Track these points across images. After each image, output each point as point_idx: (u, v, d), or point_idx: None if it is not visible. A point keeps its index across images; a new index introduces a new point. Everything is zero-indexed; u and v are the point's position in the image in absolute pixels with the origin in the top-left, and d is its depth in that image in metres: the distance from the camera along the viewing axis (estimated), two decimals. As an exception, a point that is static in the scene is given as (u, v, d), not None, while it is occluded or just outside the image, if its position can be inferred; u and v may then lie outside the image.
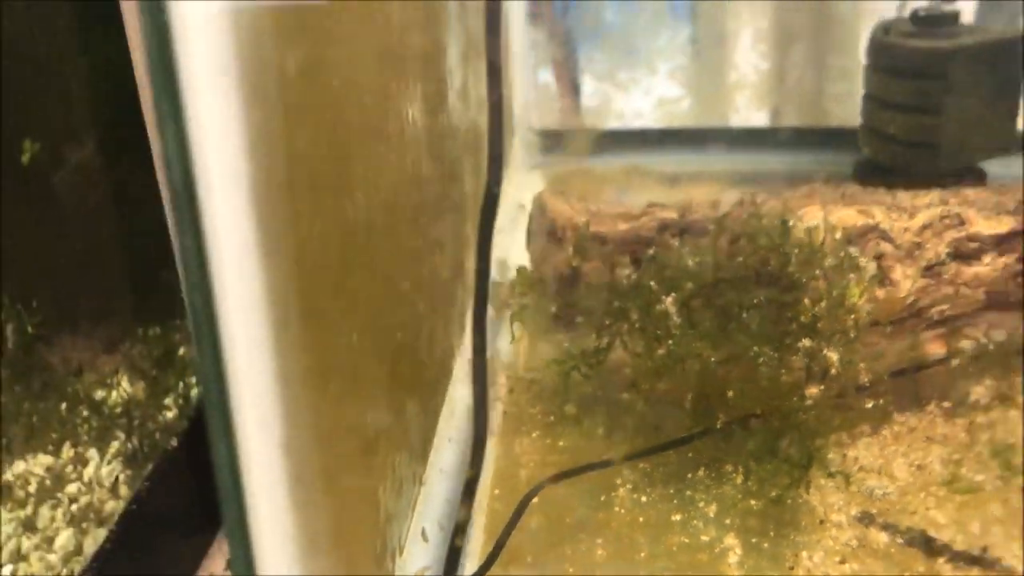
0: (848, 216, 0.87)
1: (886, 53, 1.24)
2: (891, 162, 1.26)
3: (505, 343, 0.89)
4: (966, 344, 0.86)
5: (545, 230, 0.90)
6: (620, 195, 1.41)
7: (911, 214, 0.88)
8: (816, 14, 1.54)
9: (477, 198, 1.04)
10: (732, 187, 1.47)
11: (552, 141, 1.52)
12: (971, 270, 0.87)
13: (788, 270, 0.75)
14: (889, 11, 1.37)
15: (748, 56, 1.61)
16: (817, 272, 0.74)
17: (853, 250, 0.78)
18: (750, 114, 1.59)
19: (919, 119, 1.22)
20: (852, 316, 0.72)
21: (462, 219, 0.95)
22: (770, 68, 1.58)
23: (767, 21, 1.58)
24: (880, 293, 0.84)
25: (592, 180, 1.45)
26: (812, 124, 1.51)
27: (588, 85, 1.60)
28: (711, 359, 0.73)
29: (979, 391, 0.82)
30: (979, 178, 1.28)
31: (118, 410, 0.92)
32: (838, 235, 0.81)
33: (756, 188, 1.47)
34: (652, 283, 0.79)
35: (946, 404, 0.81)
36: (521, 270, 0.88)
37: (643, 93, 1.61)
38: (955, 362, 0.84)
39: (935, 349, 0.88)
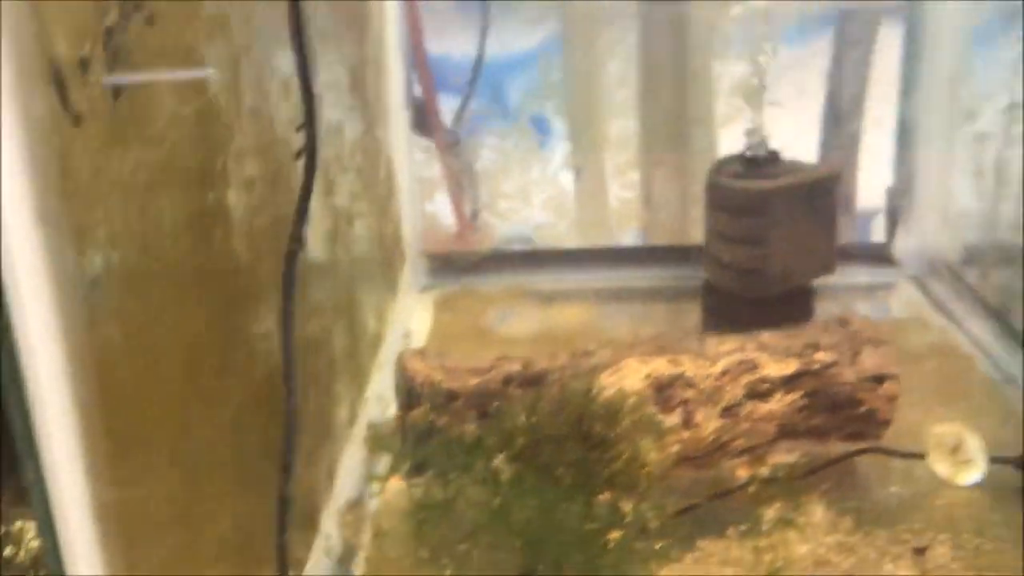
0: (660, 366, 1.03)
1: (718, 192, 1.43)
2: (728, 286, 1.43)
3: (372, 490, 1.02)
4: (763, 471, 1.02)
5: (405, 388, 1.04)
6: (502, 316, 1.57)
7: (713, 361, 1.04)
8: (678, 145, 1.73)
9: (351, 352, 1.18)
10: (600, 304, 1.64)
11: (440, 264, 1.67)
12: (764, 407, 1.03)
13: (595, 430, 0.89)
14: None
15: (620, 183, 1.80)
16: (619, 431, 0.89)
17: (651, 409, 0.93)
18: (622, 235, 1.77)
19: (748, 250, 1.40)
20: (645, 469, 0.87)
21: (332, 378, 1.08)
22: (639, 193, 1.77)
23: (634, 151, 1.77)
24: (686, 434, 1.00)
25: (476, 300, 1.61)
26: (677, 243, 1.69)
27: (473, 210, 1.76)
28: (533, 510, 0.87)
29: (769, 514, 0.97)
30: (808, 295, 1.47)
31: (27, 563, 1.02)
32: (643, 390, 0.97)
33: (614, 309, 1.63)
34: (490, 438, 0.93)
35: (742, 527, 0.97)
36: (374, 428, 1.02)
37: (522, 220, 1.79)
38: (751, 488, 1.00)
39: (742, 475, 1.04)
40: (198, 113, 0.65)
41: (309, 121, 0.57)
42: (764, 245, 1.39)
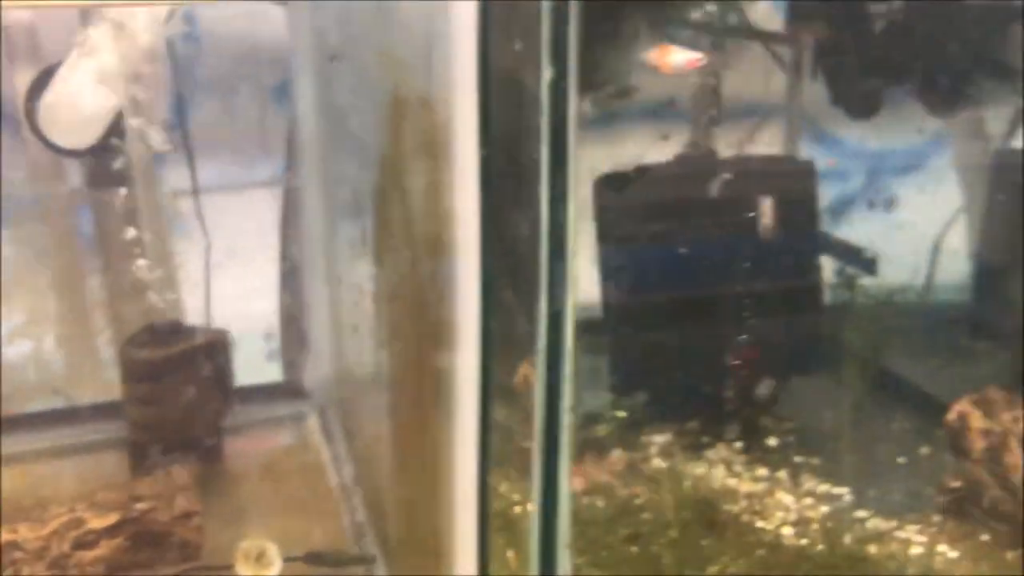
0: (-8, 539, 1.28)
1: (124, 362, 1.72)
2: (141, 440, 1.72)
3: None
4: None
5: None
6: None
7: (44, 524, 1.31)
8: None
9: None
10: (69, 460, 1.83)
11: None
12: (91, 554, 1.32)
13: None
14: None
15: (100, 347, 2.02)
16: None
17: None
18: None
19: (150, 409, 1.70)
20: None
21: None
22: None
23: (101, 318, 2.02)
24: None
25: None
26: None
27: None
28: None
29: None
30: (215, 437, 1.80)
31: None
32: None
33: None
34: None
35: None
36: None
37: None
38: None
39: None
40: None
41: None
42: (162, 404, 1.70)
